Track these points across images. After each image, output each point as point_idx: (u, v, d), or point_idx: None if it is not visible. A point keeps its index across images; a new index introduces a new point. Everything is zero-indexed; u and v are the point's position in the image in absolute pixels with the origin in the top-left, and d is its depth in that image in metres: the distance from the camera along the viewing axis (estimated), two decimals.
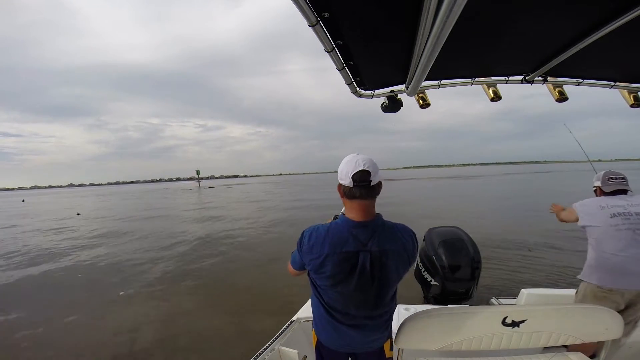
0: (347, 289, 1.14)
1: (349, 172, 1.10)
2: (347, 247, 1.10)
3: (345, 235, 1.12)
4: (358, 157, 1.12)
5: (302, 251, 1.17)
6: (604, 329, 1.34)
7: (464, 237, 2.97)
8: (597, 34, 1.20)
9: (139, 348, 3.51)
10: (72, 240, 10.58)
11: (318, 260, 1.12)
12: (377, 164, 1.17)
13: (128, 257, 7.82)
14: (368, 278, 1.12)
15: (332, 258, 1.10)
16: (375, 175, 1.12)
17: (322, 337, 1.29)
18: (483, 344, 1.34)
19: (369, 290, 1.15)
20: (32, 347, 3.69)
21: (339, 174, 1.16)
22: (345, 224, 1.14)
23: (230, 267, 6.56)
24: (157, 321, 4.14)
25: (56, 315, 4.48)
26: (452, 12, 0.79)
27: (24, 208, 30.31)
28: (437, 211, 13.03)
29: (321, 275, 1.15)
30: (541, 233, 7.94)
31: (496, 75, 1.91)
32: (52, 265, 7.35)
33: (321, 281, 1.18)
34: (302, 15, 1.02)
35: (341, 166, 1.15)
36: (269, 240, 9.12)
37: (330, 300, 1.20)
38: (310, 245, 1.14)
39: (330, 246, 1.11)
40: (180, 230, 11.47)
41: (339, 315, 1.21)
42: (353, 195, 1.12)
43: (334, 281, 1.14)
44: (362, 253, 1.11)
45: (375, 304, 1.20)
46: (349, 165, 1.11)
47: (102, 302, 4.96)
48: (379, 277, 1.13)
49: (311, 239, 1.14)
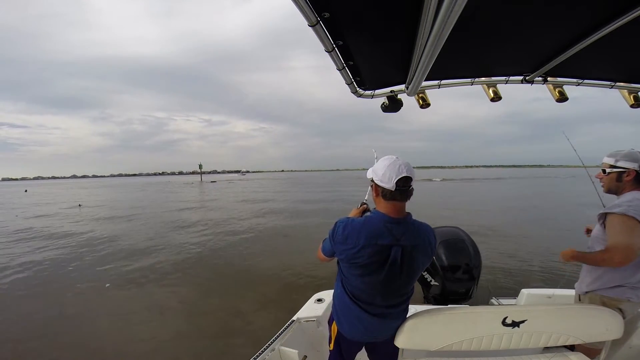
0: (377, 279, 1.21)
1: (393, 177, 1.15)
2: (382, 240, 1.17)
3: (381, 229, 1.18)
4: (399, 161, 1.18)
5: (335, 241, 1.23)
6: (605, 329, 1.34)
7: (464, 237, 2.97)
8: (597, 34, 1.20)
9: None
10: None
11: (353, 250, 1.18)
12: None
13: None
14: (397, 270, 1.20)
15: (367, 249, 1.17)
16: (413, 180, 1.19)
17: (344, 328, 1.36)
18: (483, 344, 1.33)
19: (396, 281, 1.23)
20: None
21: (376, 175, 1.21)
22: (381, 219, 1.21)
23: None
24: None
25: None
26: (453, 12, 0.79)
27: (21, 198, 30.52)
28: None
29: (353, 264, 1.21)
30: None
31: (496, 75, 1.90)
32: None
33: (352, 270, 1.24)
34: (302, 15, 1.02)
35: (381, 169, 1.19)
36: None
37: (357, 290, 1.28)
38: (344, 236, 1.20)
39: (367, 238, 1.17)
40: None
41: (364, 304, 1.28)
42: (393, 197, 1.19)
43: (366, 271, 1.21)
44: (395, 247, 1.18)
45: (400, 293, 1.29)
46: (391, 170, 1.16)
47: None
48: (407, 269, 1.21)
49: (346, 230, 1.20)
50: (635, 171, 1.44)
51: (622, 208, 1.37)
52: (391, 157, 1.22)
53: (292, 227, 10.93)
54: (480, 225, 9.60)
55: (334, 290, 1.41)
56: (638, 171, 1.44)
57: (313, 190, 30.58)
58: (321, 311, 2.29)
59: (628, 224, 1.35)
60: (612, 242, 1.39)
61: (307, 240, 8.43)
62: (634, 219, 1.34)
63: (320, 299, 2.47)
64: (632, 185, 1.47)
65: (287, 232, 10.13)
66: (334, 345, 1.44)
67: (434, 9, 0.90)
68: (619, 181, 1.49)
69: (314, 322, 2.23)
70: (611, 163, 1.50)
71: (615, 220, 1.40)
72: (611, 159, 1.51)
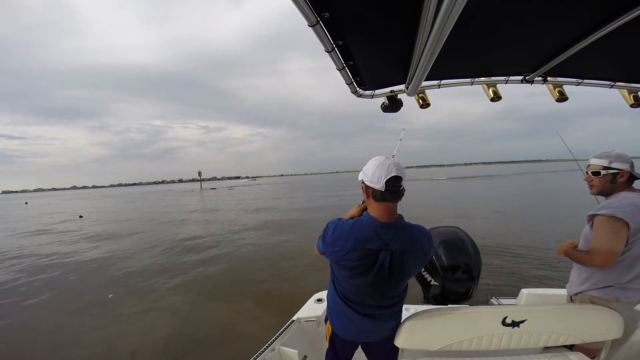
0: (365, 282, 1.21)
1: (382, 177, 1.13)
2: (370, 244, 1.16)
3: (369, 233, 1.17)
4: (388, 161, 1.17)
5: (326, 242, 1.23)
6: (605, 329, 1.34)
7: (464, 237, 2.97)
8: (597, 34, 1.20)
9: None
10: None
11: (340, 253, 1.18)
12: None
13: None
14: (385, 273, 1.19)
15: (354, 253, 1.16)
16: (404, 180, 1.18)
17: (337, 327, 1.36)
18: (483, 344, 1.34)
19: (385, 284, 1.22)
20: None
21: (366, 176, 1.19)
22: (370, 223, 1.19)
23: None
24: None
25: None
26: (452, 12, 0.79)
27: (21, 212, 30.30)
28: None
29: (342, 266, 1.22)
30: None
31: (496, 75, 1.90)
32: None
33: (341, 271, 1.25)
34: (302, 15, 1.02)
35: (371, 169, 1.18)
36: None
37: (346, 291, 1.28)
38: (334, 238, 1.20)
39: (355, 241, 1.16)
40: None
41: (354, 304, 1.28)
42: (383, 198, 1.17)
43: (353, 273, 1.21)
44: (383, 251, 1.17)
45: (390, 296, 1.28)
46: (380, 169, 1.15)
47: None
48: (397, 273, 1.21)
49: (335, 232, 1.20)
50: (629, 172, 1.45)
51: (609, 210, 1.38)
52: (381, 157, 1.20)
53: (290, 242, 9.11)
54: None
55: (327, 290, 1.43)
56: (631, 172, 1.45)
57: (313, 195, 29.64)
58: (321, 311, 2.29)
59: (613, 226, 1.37)
60: (594, 245, 1.43)
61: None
62: (621, 221, 1.34)
63: (320, 299, 2.47)
64: (624, 185, 1.47)
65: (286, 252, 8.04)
66: (329, 344, 1.46)
67: (434, 9, 0.90)
68: (613, 182, 1.48)
69: (313, 322, 2.23)
70: (605, 165, 1.48)
71: (601, 223, 1.41)
72: (604, 160, 1.48)
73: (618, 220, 1.35)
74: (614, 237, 1.37)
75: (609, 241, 1.37)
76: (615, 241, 1.36)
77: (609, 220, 1.38)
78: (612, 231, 1.37)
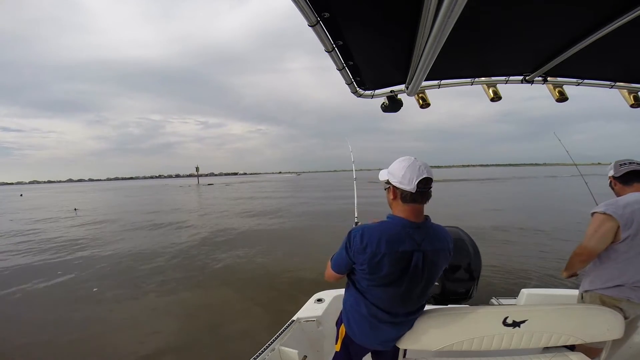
0: (399, 289, 1.17)
1: (413, 179, 1.10)
2: (403, 247, 1.12)
3: (401, 235, 1.13)
4: (418, 162, 1.13)
5: (353, 251, 1.16)
6: (606, 329, 1.34)
7: (464, 237, 2.96)
8: (597, 34, 1.20)
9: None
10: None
11: (374, 260, 1.12)
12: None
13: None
14: (418, 277, 1.16)
15: (389, 257, 1.11)
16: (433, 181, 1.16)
17: (355, 334, 1.30)
18: (483, 344, 1.33)
19: (416, 289, 1.19)
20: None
21: (395, 177, 1.15)
22: (399, 224, 1.15)
23: None
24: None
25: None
26: (453, 12, 0.79)
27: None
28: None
29: (374, 275, 1.15)
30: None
31: (496, 75, 1.90)
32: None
33: (371, 281, 1.18)
34: (302, 15, 1.02)
35: (400, 170, 1.13)
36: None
37: (376, 300, 1.21)
38: (363, 245, 1.13)
39: (387, 245, 1.11)
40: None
41: (382, 313, 1.22)
42: (413, 200, 1.13)
43: (387, 280, 1.15)
44: (416, 253, 1.13)
45: (419, 300, 1.25)
46: (411, 171, 1.11)
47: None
48: (427, 275, 1.18)
49: (364, 238, 1.13)
50: (612, 177, 1.59)
51: (602, 207, 1.45)
52: (409, 157, 1.16)
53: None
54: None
55: (344, 298, 1.36)
56: (614, 176, 1.58)
57: (313, 195, 28.28)
58: (321, 311, 2.28)
59: (597, 223, 1.44)
60: (583, 242, 1.51)
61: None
62: (606, 216, 1.41)
63: (320, 299, 2.46)
64: (622, 188, 1.56)
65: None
66: (341, 347, 1.40)
67: (434, 9, 0.90)
68: (613, 187, 1.62)
69: (314, 322, 2.22)
70: (608, 174, 1.63)
71: (592, 220, 1.49)
72: (609, 170, 1.63)
73: (603, 216, 1.41)
74: (593, 234, 1.44)
75: (589, 238, 1.46)
76: (596, 238, 1.43)
77: (596, 217, 1.45)
78: (594, 228, 1.45)
